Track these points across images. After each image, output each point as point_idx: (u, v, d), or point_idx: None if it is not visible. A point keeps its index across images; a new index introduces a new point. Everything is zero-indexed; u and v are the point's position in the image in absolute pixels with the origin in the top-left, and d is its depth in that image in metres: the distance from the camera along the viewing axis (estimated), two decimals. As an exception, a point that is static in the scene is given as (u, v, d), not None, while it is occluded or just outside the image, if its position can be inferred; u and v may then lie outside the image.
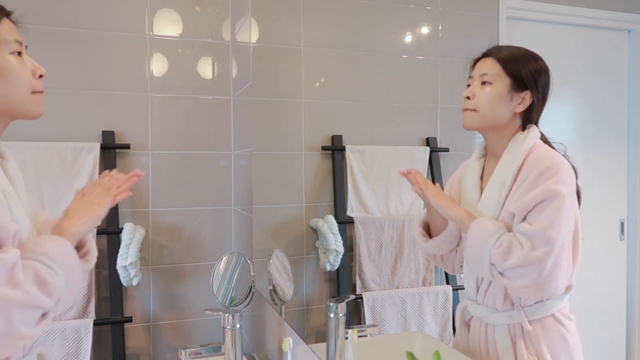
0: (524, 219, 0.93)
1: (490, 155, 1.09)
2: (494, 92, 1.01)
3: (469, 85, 1.07)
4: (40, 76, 0.96)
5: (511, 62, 1.01)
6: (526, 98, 1.01)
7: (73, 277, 0.90)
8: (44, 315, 0.85)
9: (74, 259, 0.91)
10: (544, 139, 1.03)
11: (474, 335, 1.07)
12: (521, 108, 1.01)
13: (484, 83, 1.02)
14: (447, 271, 1.22)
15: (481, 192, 1.06)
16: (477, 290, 1.06)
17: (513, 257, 0.90)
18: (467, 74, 1.09)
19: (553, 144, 1.02)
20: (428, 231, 1.20)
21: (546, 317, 0.99)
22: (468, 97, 1.04)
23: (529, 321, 0.97)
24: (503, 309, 1.01)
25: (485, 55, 1.06)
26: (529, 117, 1.02)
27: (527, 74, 1.00)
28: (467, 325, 1.11)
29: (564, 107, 1.09)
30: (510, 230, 0.95)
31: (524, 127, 1.03)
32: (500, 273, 0.93)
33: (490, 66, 1.03)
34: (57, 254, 0.86)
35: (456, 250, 1.15)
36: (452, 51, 1.41)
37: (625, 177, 1.18)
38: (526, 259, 0.89)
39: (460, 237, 1.13)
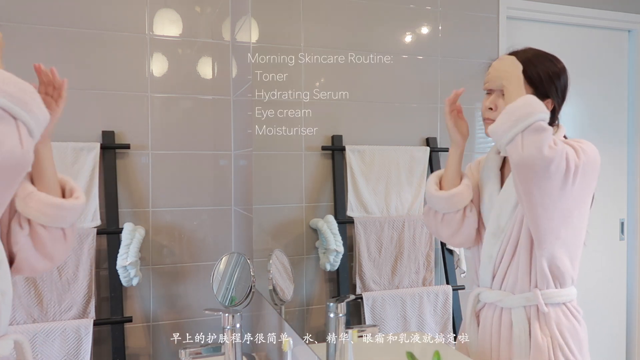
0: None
1: None
2: None
3: (487, 92, 1.06)
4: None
5: (531, 71, 1.00)
6: (547, 104, 1.00)
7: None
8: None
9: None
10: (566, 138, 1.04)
11: (485, 323, 1.08)
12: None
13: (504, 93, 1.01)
14: (441, 238, 1.16)
15: (502, 184, 1.07)
16: (494, 277, 1.07)
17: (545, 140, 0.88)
18: (467, 74, 1.09)
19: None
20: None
21: (559, 305, 1.01)
22: (490, 108, 1.04)
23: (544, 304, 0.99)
24: (520, 291, 1.02)
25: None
26: (551, 118, 1.03)
27: (547, 82, 1.00)
28: (477, 315, 1.11)
29: (563, 106, 1.09)
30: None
31: None
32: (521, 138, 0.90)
33: None
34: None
35: (464, 213, 1.11)
36: (452, 51, 1.41)
37: (625, 177, 1.18)
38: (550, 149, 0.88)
39: (471, 203, 1.11)
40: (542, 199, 0.93)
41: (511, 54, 1.05)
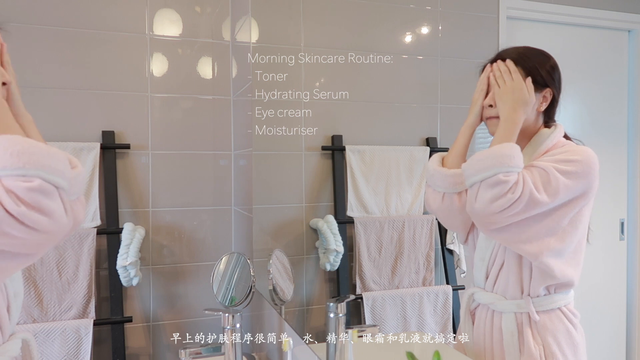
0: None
1: None
2: None
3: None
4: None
5: (527, 61, 1.00)
6: (547, 96, 1.01)
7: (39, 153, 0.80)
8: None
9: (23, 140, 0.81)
10: (566, 137, 1.04)
11: (479, 323, 1.08)
12: (544, 106, 1.01)
13: None
14: (440, 219, 1.14)
15: None
16: (487, 278, 1.06)
17: (505, 194, 0.88)
18: (468, 74, 1.09)
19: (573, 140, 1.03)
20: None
21: (553, 310, 0.99)
22: (490, 105, 1.02)
23: (536, 312, 0.98)
24: (512, 296, 1.01)
25: (498, 58, 1.04)
26: (550, 114, 1.03)
27: (544, 71, 0.99)
28: (472, 314, 1.11)
29: (563, 107, 1.09)
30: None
31: (545, 124, 1.03)
32: (479, 187, 0.92)
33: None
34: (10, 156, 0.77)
35: (463, 195, 1.07)
36: (452, 51, 1.41)
37: (625, 177, 1.18)
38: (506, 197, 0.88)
39: None
40: (506, 237, 0.95)
41: (505, 52, 1.04)
